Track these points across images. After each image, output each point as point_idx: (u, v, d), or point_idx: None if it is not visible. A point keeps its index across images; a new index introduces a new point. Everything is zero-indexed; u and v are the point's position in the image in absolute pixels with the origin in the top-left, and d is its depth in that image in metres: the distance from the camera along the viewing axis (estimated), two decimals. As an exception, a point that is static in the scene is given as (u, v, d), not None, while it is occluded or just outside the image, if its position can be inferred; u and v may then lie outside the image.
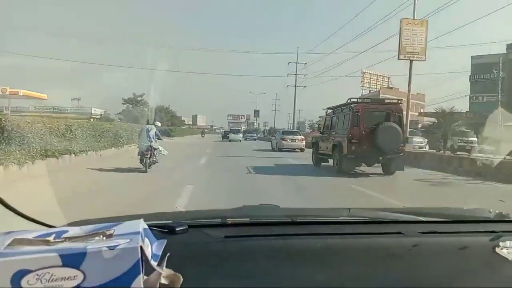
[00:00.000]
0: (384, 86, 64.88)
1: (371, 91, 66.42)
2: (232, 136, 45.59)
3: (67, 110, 50.59)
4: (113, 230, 0.92)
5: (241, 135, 49.46)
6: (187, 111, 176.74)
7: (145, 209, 4.89)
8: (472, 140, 23.27)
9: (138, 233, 0.88)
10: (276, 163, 15.53)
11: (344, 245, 1.22)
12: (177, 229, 1.19)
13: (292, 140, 25.29)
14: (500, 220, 1.58)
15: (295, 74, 59.42)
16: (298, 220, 1.46)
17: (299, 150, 23.89)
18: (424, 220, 1.54)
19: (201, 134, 61.41)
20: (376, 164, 12.42)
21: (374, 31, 66.95)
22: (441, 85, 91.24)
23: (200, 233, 1.24)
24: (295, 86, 59.08)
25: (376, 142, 11.46)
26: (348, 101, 12.94)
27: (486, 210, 1.66)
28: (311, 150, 15.90)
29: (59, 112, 45.37)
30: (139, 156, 11.29)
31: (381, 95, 59.72)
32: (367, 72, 68.73)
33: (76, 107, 53.38)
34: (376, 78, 70.60)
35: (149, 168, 11.17)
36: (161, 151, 11.91)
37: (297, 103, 59.51)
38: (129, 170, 11.35)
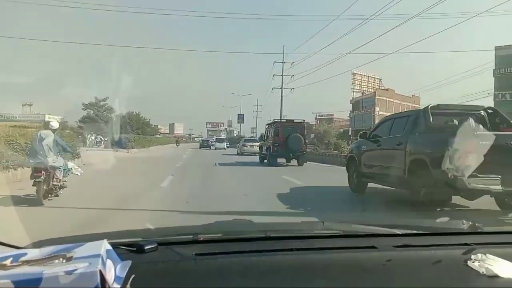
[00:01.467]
0: (377, 88, 59.16)
1: (364, 94, 61.05)
2: (217, 144, 49.01)
3: (15, 117, 43.07)
4: (73, 253, 0.91)
5: (225, 143, 51.69)
6: (163, 119, 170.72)
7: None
8: None
9: (98, 255, 0.87)
10: (236, 161, 23.05)
11: (317, 260, 1.21)
12: (146, 247, 1.16)
13: (251, 146, 32.06)
14: (473, 232, 1.58)
15: (282, 75, 53.35)
16: (271, 235, 1.43)
17: (256, 154, 27.53)
18: (398, 233, 1.52)
19: (176, 143, 58.71)
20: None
21: (365, 29, 60.88)
22: (458, 84, 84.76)
23: (170, 251, 1.20)
24: (281, 88, 52.94)
25: (288, 145, 18.63)
26: (274, 120, 23.92)
27: (459, 222, 1.67)
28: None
29: (4, 120, 37.83)
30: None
31: (377, 97, 54.40)
32: (357, 74, 63.43)
33: (28, 114, 45.65)
34: (367, 79, 65.34)
35: (47, 198, 7.33)
36: (70, 169, 7.98)
37: (284, 107, 53.51)
38: (16, 200, 6.90)
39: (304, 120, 22.81)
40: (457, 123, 6.17)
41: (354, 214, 6.36)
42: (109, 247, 0.97)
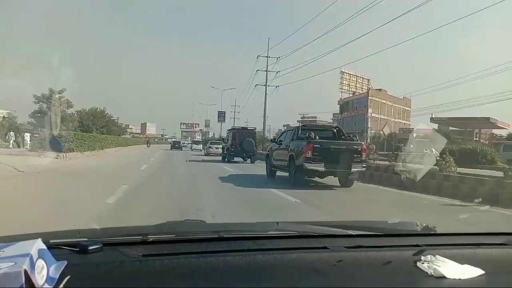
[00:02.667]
0: (370, 88, 54.58)
1: (355, 94, 56.55)
2: (194, 146, 52.37)
3: None
4: (1, 252, 0.89)
5: (201, 145, 52.48)
6: (135, 119, 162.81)
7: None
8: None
9: (27, 255, 0.85)
10: (203, 159, 26.64)
11: (269, 261, 1.21)
12: (89, 247, 1.13)
13: (216, 148, 34.22)
14: (425, 233, 1.61)
15: (266, 71, 48.02)
16: (224, 236, 1.42)
17: (219, 154, 30.40)
18: (352, 233, 1.52)
19: (147, 144, 56.78)
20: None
21: (356, 24, 56.40)
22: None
23: (116, 252, 1.17)
24: (265, 85, 47.60)
25: (242, 147, 24.44)
26: (232, 127, 30.38)
27: (413, 223, 1.69)
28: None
29: None
30: None
31: (369, 97, 49.96)
32: (346, 73, 58.97)
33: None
34: (356, 79, 60.98)
35: None
36: None
37: (269, 106, 48.25)
38: None
39: (255, 127, 28.88)
40: (310, 135, 11.38)
41: (310, 217, 6.12)
42: (43, 246, 0.94)
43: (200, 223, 1.72)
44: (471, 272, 1.15)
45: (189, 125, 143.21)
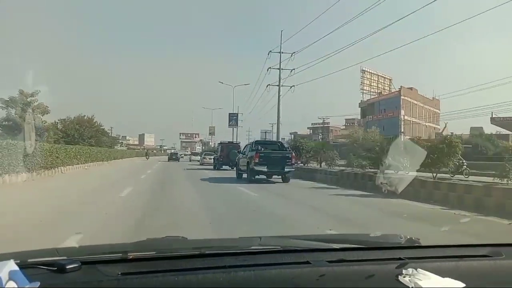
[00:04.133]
0: (401, 87, 47.42)
1: (381, 93, 49.59)
2: (193, 157, 54.68)
3: None
4: None
5: (199, 157, 54.95)
6: (132, 130, 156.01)
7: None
8: None
9: None
10: (198, 168, 30.96)
11: (251, 277, 1.20)
12: (67, 266, 1.10)
13: (209, 158, 37.54)
14: (409, 246, 1.60)
15: (279, 68, 41.11)
16: (206, 252, 1.40)
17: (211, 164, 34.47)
18: (335, 247, 1.52)
19: (146, 156, 56.28)
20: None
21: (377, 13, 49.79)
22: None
23: (95, 271, 1.14)
24: (279, 85, 40.70)
25: (229, 157, 27.32)
26: (221, 142, 34.24)
27: (397, 236, 1.69)
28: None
29: None
30: None
31: (402, 97, 43.08)
32: (367, 71, 52.11)
33: None
34: (377, 79, 54.12)
35: None
36: None
37: (284, 109, 41.39)
38: None
39: (240, 142, 36.42)
40: (259, 148, 17.04)
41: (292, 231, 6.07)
42: (15, 267, 0.93)
43: (181, 240, 1.69)
44: (451, 285, 1.17)
45: (189, 135, 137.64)
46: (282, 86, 40.87)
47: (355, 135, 28.99)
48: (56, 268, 1.10)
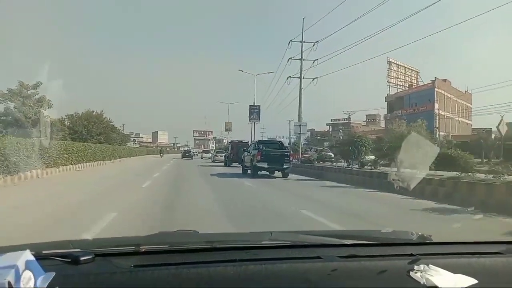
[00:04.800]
0: (435, 78, 43.43)
1: (413, 86, 45.81)
2: (204, 155, 56.68)
3: None
4: None
5: (210, 154, 55.45)
6: (146, 127, 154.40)
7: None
8: None
9: (12, 266, 0.85)
10: (210, 165, 31.83)
11: (262, 271, 1.20)
12: (81, 258, 1.12)
13: (220, 156, 39.72)
14: (420, 242, 1.60)
15: (301, 59, 37.84)
16: (217, 246, 1.40)
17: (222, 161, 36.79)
18: (346, 243, 1.52)
19: (160, 154, 55.28)
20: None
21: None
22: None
23: (108, 263, 1.16)
24: (300, 77, 37.43)
25: (238, 155, 27.37)
26: (231, 141, 40.21)
27: (408, 233, 1.68)
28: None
29: None
30: None
31: (436, 89, 39.43)
32: (393, 63, 48.36)
33: None
34: (404, 71, 50.33)
35: None
36: None
37: (307, 102, 38.07)
38: None
39: (248, 141, 37.17)
40: (260, 147, 19.54)
41: (304, 226, 6.30)
42: (31, 257, 0.94)
43: (193, 233, 1.68)
44: (464, 281, 1.16)
45: (202, 133, 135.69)
46: (303, 78, 38.08)
47: (397, 130, 25.33)
48: (70, 260, 1.11)
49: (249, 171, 19.63)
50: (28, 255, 0.92)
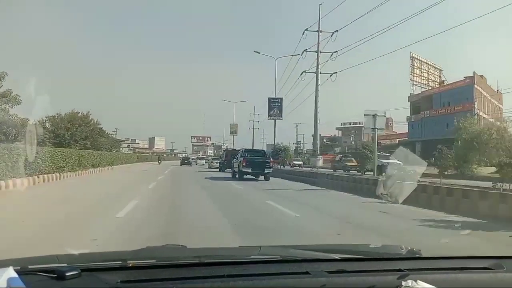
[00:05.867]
0: (474, 73, 38.11)
1: (444, 83, 40.71)
2: (198, 161, 58.66)
3: None
4: None
5: (204, 161, 58.44)
6: (142, 133, 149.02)
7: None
8: None
9: None
10: (206, 170, 36.27)
11: (250, 287, 1.20)
12: (67, 273, 1.10)
13: (216, 162, 41.62)
14: (409, 257, 1.59)
15: (317, 51, 32.90)
16: (205, 261, 1.38)
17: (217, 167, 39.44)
18: (335, 257, 1.51)
19: (158, 161, 52.90)
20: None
21: None
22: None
23: (94, 278, 1.14)
24: (316, 72, 32.37)
25: (230, 162, 27.93)
26: (225, 149, 44.93)
27: (398, 247, 1.69)
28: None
29: None
30: None
31: (475, 85, 34.41)
32: (417, 59, 43.42)
33: None
34: (427, 68, 45.34)
35: None
36: None
37: (324, 100, 32.97)
38: None
39: (241, 148, 31.75)
40: (245, 154, 22.54)
41: (292, 240, 6.02)
42: (14, 274, 0.94)
43: (181, 248, 1.66)
44: None
45: (200, 138, 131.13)
46: (320, 73, 33.04)
47: (473, 130, 19.97)
48: (56, 275, 1.09)
49: (237, 175, 22.60)
50: (10, 272, 0.89)
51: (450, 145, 21.36)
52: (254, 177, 21.68)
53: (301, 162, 34.64)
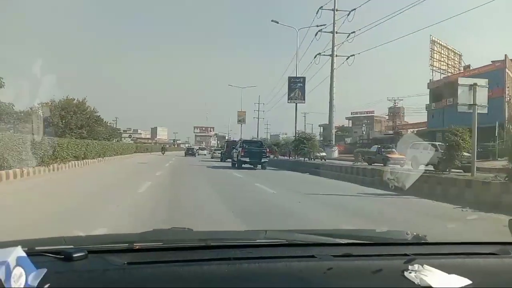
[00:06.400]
0: (505, 56, 34.91)
1: (469, 68, 37.74)
2: (200, 152, 56.65)
3: None
4: None
5: (206, 151, 60.69)
6: (144, 123, 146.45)
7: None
8: None
9: (2, 263, 0.85)
10: (208, 160, 39.37)
11: (256, 269, 1.20)
12: (74, 255, 1.11)
13: (218, 152, 43.51)
14: (415, 242, 1.59)
15: (333, 32, 30.02)
16: (211, 244, 1.40)
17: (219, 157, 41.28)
18: (341, 242, 1.52)
19: (162, 151, 51.73)
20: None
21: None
22: None
23: (101, 260, 1.15)
24: (332, 54, 29.51)
25: (231, 153, 29.35)
26: (226, 140, 51.57)
27: (403, 232, 1.68)
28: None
29: None
30: None
31: (507, 70, 31.50)
32: (437, 42, 40.42)
33: None
34: (447, 53, 42.33)
35: None
36: None
37: (340, 85, 30.20)
38: None
39: (241, 139, 37.07)
40: (244, 145, 24.88)
41: (299, 224, 6.11)
42: (22, 254, 0.94)
43: (187, 231, 1.67)
44: (458, 282, 1.15)
45: (203, 128, 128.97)
46: (337, 55, 30.24)
47: None
48: (63, 256, 1.10)
49: (236, 165, 24.32)
50: (19, 252, 0.91)
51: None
52: (253, 166, 23.44)
53: (325, 154, 30.24)
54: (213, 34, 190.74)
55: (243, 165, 23.01)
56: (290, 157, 33.66)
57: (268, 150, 27.09)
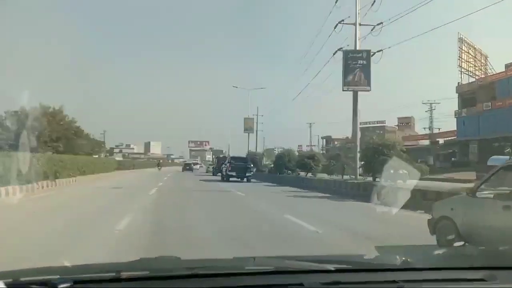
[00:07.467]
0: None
1: (479, 74, 33.22)
2: (193, 166, 57.01)
3: None
4: None
5: (198, 166, 66.32)
6: (137, 137, 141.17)
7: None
8: None
9: None
10: (203, 174, 43.85)
11: None
12: (59, 286, 1.10)
13: (212, 168, 44.63)
14: (404, 268, 1.57)
15: (355, 23, 25.17)
16: (199, 273, 1.38)
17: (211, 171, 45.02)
18: (330, 269, 1.49)
19: (157, 167, 49.99)
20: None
21: None
22: None
23: None
24: (355, 47, 24.74)
25: (221, 168, 33.49)
26: (217, 156, 52.31)
27: (393, 257, 1.68)
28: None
29: None
30: None
31: None
32: (466, 42, 35.94)
33: None
34: (474, 53, 37.84)
35: None
36: None
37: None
38: None
39: (229, 155, 40.53)
40: (231, 161, 29.40)
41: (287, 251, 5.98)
42: (2, 286, 0.94)
43: (175, 260, 1.65)
44: None
45: (198, 143, 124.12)
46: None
47: None
48: (48, 287, 1.04)
49: (224, 178, 28.04)
50: (1, 286, 0.88)
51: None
52: (240, 179, 26.75)
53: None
54: (213, 42, 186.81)
55: (230, 179, 26.51)
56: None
57: (251, 165, 30.31)
